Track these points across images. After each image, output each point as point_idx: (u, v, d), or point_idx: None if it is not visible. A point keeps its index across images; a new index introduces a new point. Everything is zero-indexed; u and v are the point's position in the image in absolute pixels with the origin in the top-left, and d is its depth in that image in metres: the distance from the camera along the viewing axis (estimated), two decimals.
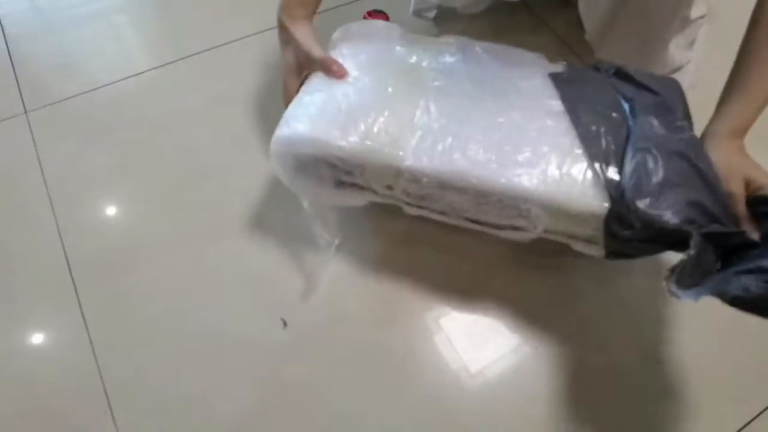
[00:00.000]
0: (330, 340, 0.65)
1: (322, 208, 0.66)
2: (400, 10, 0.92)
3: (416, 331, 0.66)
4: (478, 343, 0.65)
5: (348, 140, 0.59)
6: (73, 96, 0.84)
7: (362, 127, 0.60)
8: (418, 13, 0.89)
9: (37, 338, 0.66)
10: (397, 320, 0.67)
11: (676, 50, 0.77)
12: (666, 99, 0.62)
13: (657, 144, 0.57)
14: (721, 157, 0.56)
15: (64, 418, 0.61)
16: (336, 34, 0.71)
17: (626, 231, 0.54)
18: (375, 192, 0.65)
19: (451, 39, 0.70)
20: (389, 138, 0.59)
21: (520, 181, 0.56)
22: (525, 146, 0.58)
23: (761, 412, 0.62)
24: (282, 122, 0.61)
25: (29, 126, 0.81)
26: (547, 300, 0.68)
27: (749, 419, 0.62)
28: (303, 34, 0.65)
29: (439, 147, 0.59)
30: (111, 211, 0.75)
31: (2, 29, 0.92)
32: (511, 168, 0.57)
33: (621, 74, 0.65)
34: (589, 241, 0.61)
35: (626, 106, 0.62)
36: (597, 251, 0.60)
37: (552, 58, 0.68)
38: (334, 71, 0.64)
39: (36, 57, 0.90)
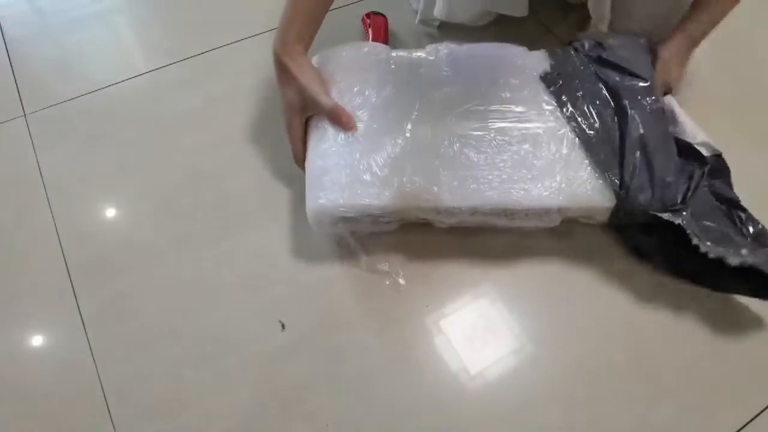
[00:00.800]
0: (328, 342, 0.65)
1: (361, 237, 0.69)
2: (399, 11, 0.92)
3: (416, 333, 0.66)
4: (478, 345, 0.65)
5: (383, 197, 0.62)
6: (73, 98, 0.84)
7: (391, 178, 0.63)
8: (423, 22, 0.89)
9: (36, 341, 0.66)
10: (396, 323, 0.67)
11: None
12: (643, 76, 0.69)
13: (651, 142, 0.65)
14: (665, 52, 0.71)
15: (62, 421, 0.61)
16: (316, 61, 0.71)
17: (628, 218, 0.65)
18: (410, 221, 0.69)
19: (440, 49, 0.72)
20: (421, 183, 0.63)
21: (543, 197, 0.63)
22: (541, 164, 0.64)
23: (759, 413, 0.62)
24: (310, 190, 0.64)
25: (28, 128, 0.81)
26: (547, 302, 0.68)
27: (747, 420, 0.62)
28: (307, 76, 0.65)
29: (471, 184, 0.63)
30: (110, 213, 0.75)
31: (1, 31, 0.92)
32: (533, 188, 0.63)
33: (601, 60, 0.71)
34: (599, 221, 0.69)
35: (614, 102, 0.68)
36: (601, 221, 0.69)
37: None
38: (343, 123, 0.64)
39: (35, 59, 0.90)
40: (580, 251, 0.71)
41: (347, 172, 0.63)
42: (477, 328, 0.66)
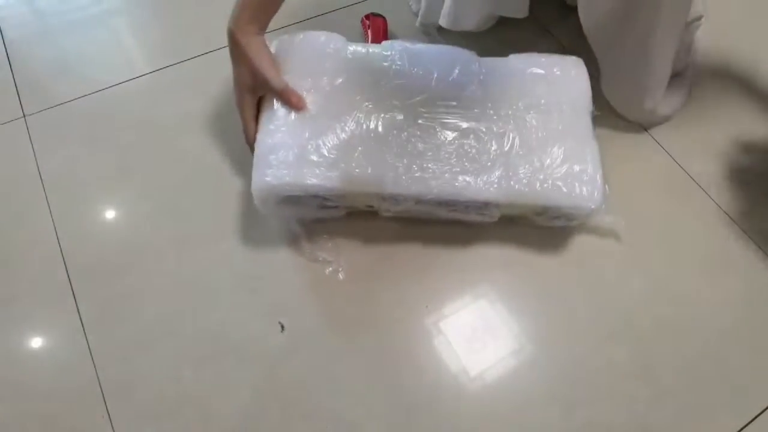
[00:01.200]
0: (328, 343, 0.65)
1: (307, 225, 0.70)
2: (399, 13, 0.92)
3: (416, 334, 0.66)
4: (478, 347, 0.65)
5: (329, 178, 0.62)
6: (72, 99, 0.84)
7: (339, 160, 0.63)
8: (424, 25, 0.89)
9: (35, 342, 0.66)
10: (396, 324, 0.67)
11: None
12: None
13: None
14: None
15: (62, 422, 0.61)
16: (274, 48, 0.70)
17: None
18: (356, 207, 0.70)
19: (395, 46, 0.73)
20: (368, 168, 0.63)
21: (483, 190, 0.63)
22: (483, 159, 0.65)
23: (760, 414, 0.62)
24: (257, 168, 0.64)
25: (27, 130, 0.81)
26: (547, 303, 0.68)
27: (747, 421, 0.62)
28: (259, 56, 0.64)
29: (415, 172, 0.63)
30: (109, 214, 0.75)
31: (1, 32, 0.92)
32: (474, 180, 0.63)
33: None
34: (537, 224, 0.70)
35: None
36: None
37: None
38: (294, 103, 0.64)
39: (35, 60, 0.90)
40: (579, 253, 0.71)
41: (295, 151, 0.63)
42: (476, 329, 0.66)
